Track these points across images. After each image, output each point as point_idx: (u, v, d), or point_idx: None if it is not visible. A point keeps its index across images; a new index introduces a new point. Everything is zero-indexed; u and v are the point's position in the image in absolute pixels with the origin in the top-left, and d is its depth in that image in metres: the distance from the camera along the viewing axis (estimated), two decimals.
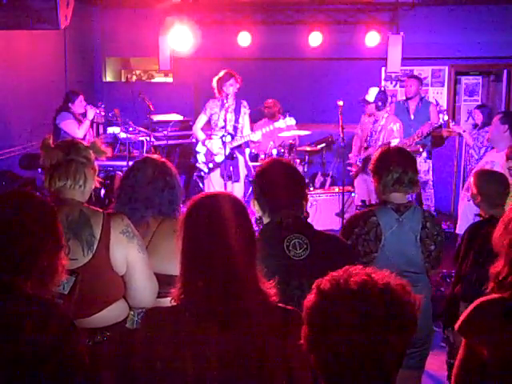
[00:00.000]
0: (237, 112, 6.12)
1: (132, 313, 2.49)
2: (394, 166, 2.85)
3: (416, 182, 2.89)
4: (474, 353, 1.62)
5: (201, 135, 6.27)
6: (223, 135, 6.01)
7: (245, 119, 6.22)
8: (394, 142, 5.84)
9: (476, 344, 1.61)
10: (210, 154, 6.21)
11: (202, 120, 6.26)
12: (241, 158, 6.29)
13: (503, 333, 1.57)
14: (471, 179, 3.46)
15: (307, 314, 1.36)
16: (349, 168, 6.42)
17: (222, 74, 6.02)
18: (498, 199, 3.28)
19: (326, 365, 1.32)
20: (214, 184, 6.19)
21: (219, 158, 6.14)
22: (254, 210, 2.39)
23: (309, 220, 2.39)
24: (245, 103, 6.22)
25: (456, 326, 1.68)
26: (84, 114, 6.20)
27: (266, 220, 2.33)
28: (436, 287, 5.04)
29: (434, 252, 2.89)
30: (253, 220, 2.12)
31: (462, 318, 1.67)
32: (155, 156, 2.86)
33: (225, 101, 5.95)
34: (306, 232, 2.26)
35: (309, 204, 2.46)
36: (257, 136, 6.24)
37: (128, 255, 2.34)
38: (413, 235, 2.83)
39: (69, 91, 6.29)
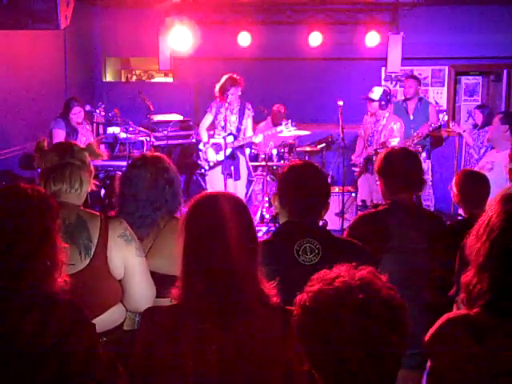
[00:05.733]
0: (241, 114, 6.20)
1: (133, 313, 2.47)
2: (402, 166, 2.84)
3: (424, 182, 2.89)
4: (440, 370, 1.58)
5: (204, 137, 6.29)
6: (226, 135, 6.06)
7: (248, 121, 6.30)
8: (394, 141, 5.86)
9: (442, 362, 1.57)
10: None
11: (208, 119, 6.28)
12: (242, 158, 6.37)
13: (468, 352, 1.52)
14: (454, 179, 3.44)
15: (298, 332, 1.36)
16: (353, 168, 6.43)
17: (223, 80, 6.05)
18: (477, 200, 3.22)
19: (330, 379, 1.33)
20: (215, 182, 6.24)
21: (220, 157, 6.21)
22: (273, 205, 2.37)
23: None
24: (249, 106, 6.30)
25: (422, 343, 1.63)
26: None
27: (282, 219, 2.31)
28: None
29: (441, 254, 2.88)
30: (257, 216, 2.11)
31: (428, 334, 1.62)
32: (148, 154, 2.76)
33: (228, 104, 6.00)
34: (319, 237, 2.22)
35: None
36: (258, 138, 6.33)
37: (126, 259, 2.31)
38: (422, 236, 2.80)
39: (70, 99, 6.19)
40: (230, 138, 6.08)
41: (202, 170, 6.48)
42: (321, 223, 2.34)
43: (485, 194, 3.27)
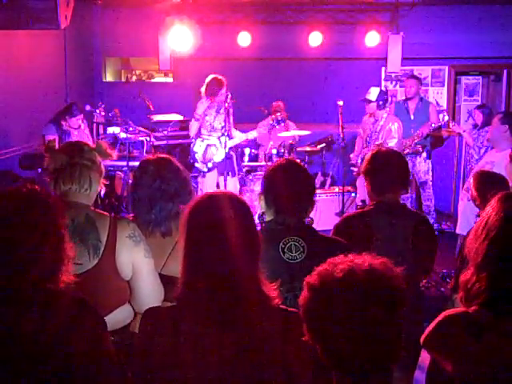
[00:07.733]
0: (227, 113, 6.15)
1: None
2: (387, 167, 2.83)
3: (409, 183, 2.89)
4: (439, 367, 1.59)
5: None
6: (219, 136, 6.09)
7: (231, 118, 6.28)
8: (392, 142, 5.86)
9: (440, 359, 1.58)
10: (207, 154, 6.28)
11: (194, 126, 6.28)
12: (233, 156, 6.46)
13: (466, 349, 1.53)
14: (471, 181, 3.45)
15: (304, 312, 1.39)
16: (352, 168, 6.43)
17: (209, 81, 6.11)
18: None
19: (334, 357, 1.35)
20: (209, 182, 6.26)
21: (218, 158, 6.22)
22: (259, 205, 2.38)
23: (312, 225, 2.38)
24: (228, 99, 6.00)
25: (421, 340, 1.64)
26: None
27: (268, 218, 2.32)
28: (436, 287, 5.05)
29: (425, 255, 2.86)
30: (255, 217, 2.11)
31: (426, 331, 1.63)
32: (150, 158, 2.77)
33: (217, 104, 6.04)
34: (304, 235, 2.24)
35: None
36: (252, 135, 6.40)
37: (134, 260, 2.31)
38: (405, 237, 2.79)
39: (74, 104, 6.09)
40: (226, 138, 6.08)
41: (202, 174, 6.44)
42: (306, 221, 2.35)
43: None
